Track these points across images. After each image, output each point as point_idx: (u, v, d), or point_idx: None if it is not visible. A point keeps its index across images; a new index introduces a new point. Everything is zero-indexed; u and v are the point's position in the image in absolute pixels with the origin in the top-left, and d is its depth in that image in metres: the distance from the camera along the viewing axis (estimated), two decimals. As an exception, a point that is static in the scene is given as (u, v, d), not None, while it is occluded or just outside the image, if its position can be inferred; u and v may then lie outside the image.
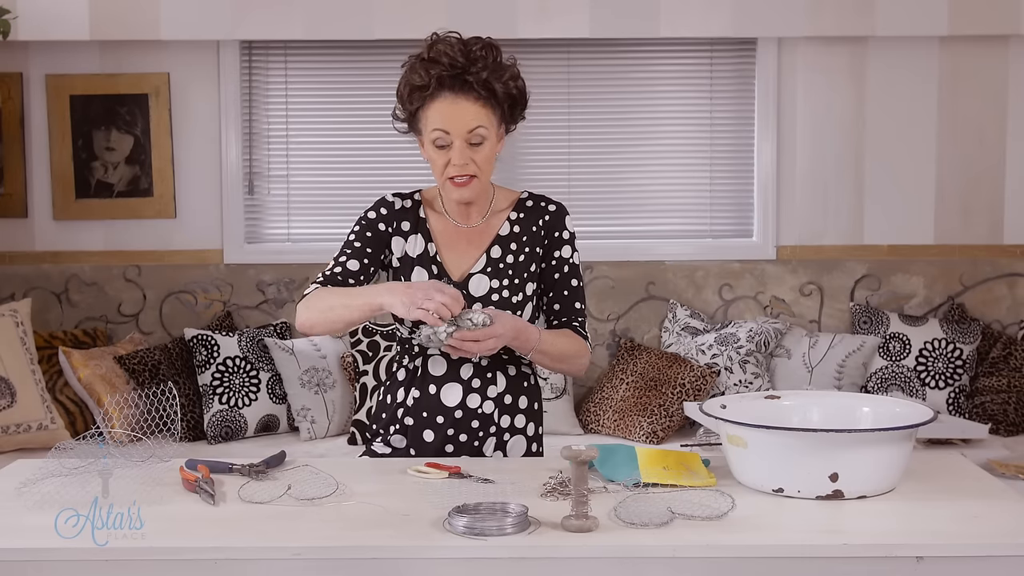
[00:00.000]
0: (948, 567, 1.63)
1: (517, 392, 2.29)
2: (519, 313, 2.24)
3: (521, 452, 2.30)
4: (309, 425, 4.07)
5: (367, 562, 1.64)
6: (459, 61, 2.16)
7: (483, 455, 2.25)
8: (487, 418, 2.25)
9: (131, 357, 4.12)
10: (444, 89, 2.17)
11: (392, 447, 2.28)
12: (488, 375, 2.25)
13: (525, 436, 2.30)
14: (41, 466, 2.04)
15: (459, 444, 2.24)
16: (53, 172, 4.46)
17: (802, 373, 4.25)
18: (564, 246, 2.30)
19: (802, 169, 4.48)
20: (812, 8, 4.29)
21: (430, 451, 2.24)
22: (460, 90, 2.17)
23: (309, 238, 4.56)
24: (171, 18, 4.28)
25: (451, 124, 2.17)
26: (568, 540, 1.65)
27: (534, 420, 2.33)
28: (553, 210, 2.31)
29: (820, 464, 1.82)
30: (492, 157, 2.23)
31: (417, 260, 2.26)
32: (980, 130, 4.46)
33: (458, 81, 2.16)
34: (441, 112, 2.17)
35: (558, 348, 2.22)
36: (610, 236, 4.56)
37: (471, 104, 2.17)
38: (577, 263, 2.32)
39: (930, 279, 4.49)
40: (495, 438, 2.26)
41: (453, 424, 2.24)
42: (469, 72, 2.16)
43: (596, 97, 4.53)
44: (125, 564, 1.64)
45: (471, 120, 2.17)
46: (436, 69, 2.16)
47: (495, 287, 2.23)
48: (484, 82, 2.17)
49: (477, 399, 2.25)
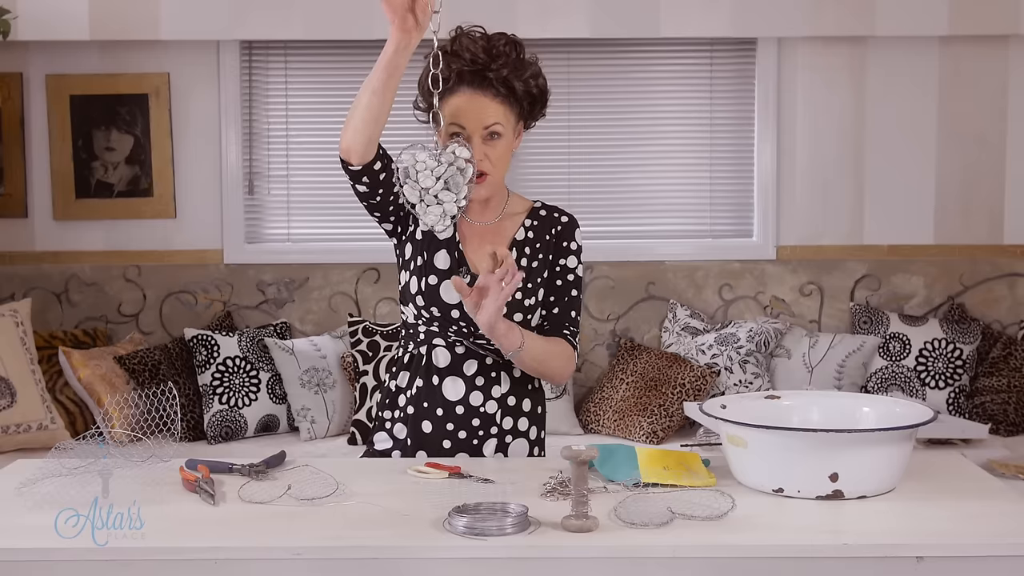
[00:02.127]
0: (948, 567, 1.63)
1: (521, 395, 2.28)
2: (528, 317, 2.24)
3: (523, 456, 2.28)
4: (309, 425, 4.07)
5: (367, 562, 1.64)
6: (480, 57, 2.16)
7: (482, 455, 2.24)
8: (489, 418, 2.24)
9: (131, 357, 4.12)
10: (463, 84, 2.17)
11: (394, 438, 2.27)
12: (492, 374, 2.25)
13: (527, 440, 2.29)
14: (41, 466, 2.03)
15: (457, 440, 2.23)
16: (53, 172, 4.46)
17: (802, 373, 4.25)
18: (571, 256, 2.30)
19: (802, 169, 4.48)
20: (812, 8, 4.29)
21: (427, 443, 2.23)
22: (479, 86, 2.17)
23: (309, 238, 4.56)
24: (171, 18, 4.28)
25: (468, 119, 2.17)
26: (568, 540, 1.65)
27: (537, 424, 2.32)
28: (565, 221, 2.32)
29: (820, 464, 1.82)
30: (507, 155, 2.23)
31: (443, 242, 2.25)
32: (980, 130, 4.46)
33: (478, 77, 2.17)
34: (458, 107, 2.17)
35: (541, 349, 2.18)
36: (610, 236, 4.56)
37: (489, 101, 2.18)
38: (581, 276, 2.32)
39: (930, 279, 4.49)
40: (496, 439, 2.25)
41: (453, 419, 2.23)
42: (490, 69, 2.16)
43: (596, 97, 4.53)
44: (125, 564, 1.64)
45: (488, 116, 2.17)
46: (457, 63, 2.16)
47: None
48: (504, 79, 2.17)
49: (480, 397, 2.24)
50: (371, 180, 2.12)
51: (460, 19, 2.24)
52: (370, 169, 2.10)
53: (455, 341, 2.24)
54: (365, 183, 2.13)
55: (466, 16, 2.24)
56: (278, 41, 4.46)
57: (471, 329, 2.22)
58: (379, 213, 2.21)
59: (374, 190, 2.14)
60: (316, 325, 4.48)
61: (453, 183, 2.06)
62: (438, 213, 2.06)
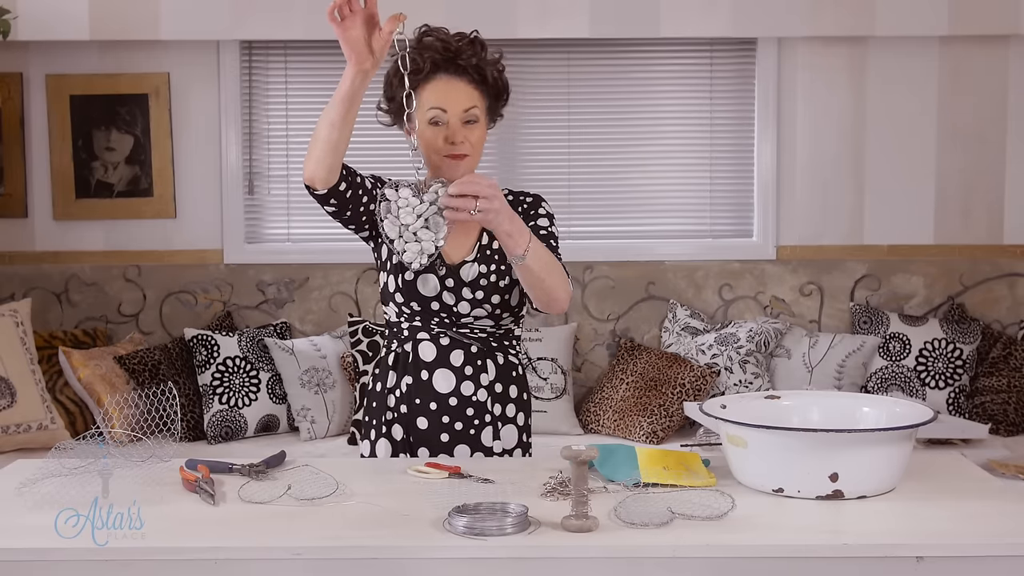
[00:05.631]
0: (948, 567, 1.63)
1: (507, 381, 2.31)
2: (507, 297, 2.26)
3: (513, 442, 2.31)
4: (309, 425, 4.07)
5: (367, 562, 1.64)
6: (452, 46, 2.23)
7: (481, 443, 2.26)
8: (481, 406, 2.27)
9: (131, 357, 4.12)
10: (439, 71, 2.23)
11: (393, 440, 2.28)
12: (479, 362, 2.27)
13: (516, 426, 2.33)
14: (41, 466, 2.03)
15: (454, 432, 2.26)
16: (53, 172, 4.46)
17: (802, 373, 4.25)
18: (540, 219, 2.33)
19: (802, 169, 4.48)
20: (812, 8, 4.29)
21: (425, 438, 2.26)
22: (455, 72, 2.23)
23: (309, 238, 4.56)
24: (171, 18, 4.28)
25: (448, 103, 2.21)
26: (568, 540, 1.65)
27: (523, 410, 2.35)
28: (531, 200, 2.35)
29: (820, 464, 1.82)
30: (483, 141, 2.28)
31: None
32: (980, 130, 4.46)
33: (452, 64, 2.23)
34: (437, 91, 2.22)
35: (548, 258, 2.14)
36: (610, 236, 4.56)
37: (465, 85, 2.24)
38: (554, 233, 2.31)
39: (930, 279, 4.49)
40: (491, 427, 2.28)
41: (448, 411, 2.26)
42: (460, 57, 2.23)
43: (596, 97, 4.53)
44: (125, 564, 1.64)
45: (466, 99, 2.23)
46: (429, 52, 2.22)
47: (483, 272, 2.25)
48: (476, 67, 2.24)
49: (471, 386, 2.27)
50: (338, 200, 2.17)
51: (461, 19, 2.27)
52: (335, 191, 2.15)
53: (439, 333, 2.27)
54: (333, 204, 2.18)
55: (466, 16, 2.27)
56: (278, 41, 4.46)
57: (453, 319, 2.26)
58: (353, 225, 2.26)
59: (343, 208, 2.19)
60: (316, 325, 4.48)
61: (433, 222, 2.07)
62: (416, 250, 2.08)
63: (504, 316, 2.29)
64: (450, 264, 2.25)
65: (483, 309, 2.26)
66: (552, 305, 2.16)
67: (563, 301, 2.17)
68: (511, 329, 2.33)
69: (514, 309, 2.30)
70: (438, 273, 2.24)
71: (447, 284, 2.24)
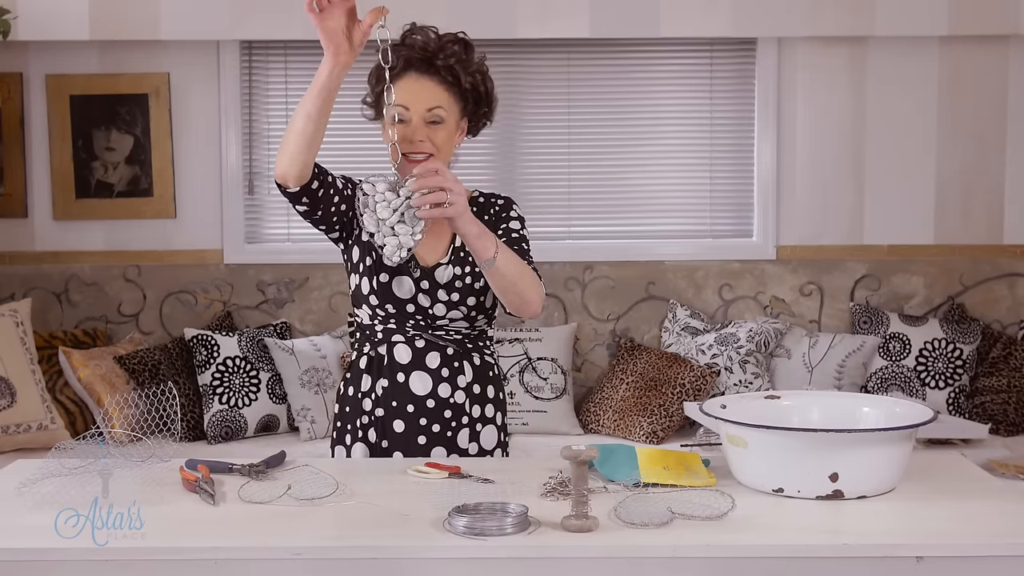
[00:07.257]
0: (948, 567, 1.63)
1: (484, 382, 2.31)
2: (482, 299, 2.26)
3: (493, 442, 2.32)
4: (309, 425, 4.07)
5: (367, 562, 1.64)
6: (430, 46, 2.22)
7: (458, 446, 2.26)
8: (459, 408, 2.27)
9: (131, 357, 4.12)
10: (411, 69, 2.22)
11: (368, 443, 2.28)
12: (455, 364, 2.27)
13: (495, 426, 2.33)
14: (41, 466, 2.03)
15: (432, 434, 2.26)
16: (53, 172, 4.46)
17: (802, 373, 4.25)
18: (512, 221, 2.32)
19: (802, 169, 4.48)
20: (812, 8, 4.29)
21: (401, 442, 2.25)
22: (425, 71, 2.22)
23: (309, 238, 4.55)
24: (171, 18, 4.28)
25: (411, 100, 2.20)
26: (568, 540, 1.65)
27: (501, 410, 2.36)
28: (502, 203, 2.35)
29: (820, 464, 1.82)
30: (450, 143, 2.25)
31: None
32: (980, 130, 4.46)
33: (425, 64, 2.22)
34: (403, 89, 2.21)
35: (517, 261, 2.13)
36: (610, 236, 4.56)
37: (434, 85, 2.22)
38: (526, 236, 2.31)
39: (930, 279, 4.49)
40: (468, 428, 2.28)
41: (425, 414, 2.25)
42: (437, 57, 2.22)
43: (596, 97, 4.53)
44: (125, 564, 1.64)
45: (431, 99, 2.21)
46: (405, 51, 2.22)
47: (458, 274, 2.24)
48: (450, 68, 2.22)
49: (448, 388, 2.26)
50: (310, 199, 2.15)
51: (461, 19, 2.27)
52: (308, 189, 2.13)
53: (414, 335, 2.26)
54: (305, 203, 2.16)
55: (467, 16, 2.26)
56: (278, 41, 4.46)
57: (428, 321, 2.25)
58: (324, 226, 2.24)
59: (315, 207, 2.17)
60: (316, 325, 4.48)
61: (409, 216, 2.04)
62: (394, 245, 2.05)
63: (479, 318, 2.29)
64: (424, 266, 2.24)
65: (459, 311, 2.25)
66: (524, 308, 2.15)
67: (535, 304, 2.15)
68: (484, 330, 2.33)
69: (488, 311, 2.30)
70: (413, 275, 2.23)
71: (422, 286, 2.23)
